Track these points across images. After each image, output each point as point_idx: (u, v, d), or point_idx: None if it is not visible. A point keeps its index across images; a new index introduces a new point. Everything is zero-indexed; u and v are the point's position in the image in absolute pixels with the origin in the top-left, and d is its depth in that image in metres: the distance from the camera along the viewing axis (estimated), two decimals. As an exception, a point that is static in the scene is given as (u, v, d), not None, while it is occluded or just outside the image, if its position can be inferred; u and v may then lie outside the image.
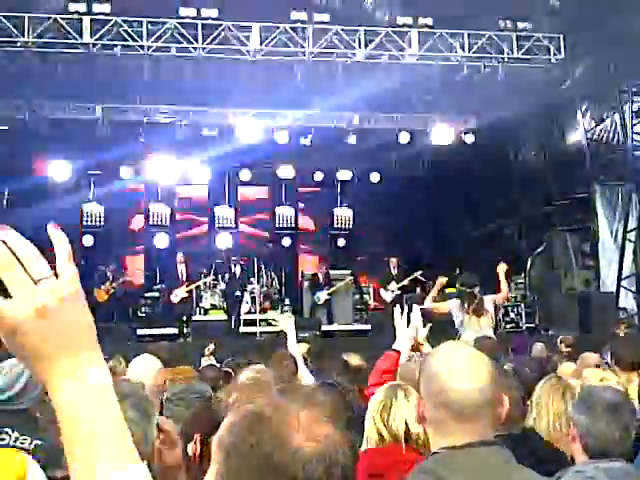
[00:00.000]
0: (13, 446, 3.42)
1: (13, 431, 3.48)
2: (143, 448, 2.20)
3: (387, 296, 18.08)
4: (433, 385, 2.34)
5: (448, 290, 15.88)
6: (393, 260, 18.45)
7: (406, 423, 3.58)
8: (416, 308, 6.29)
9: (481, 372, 2.31)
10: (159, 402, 4.26)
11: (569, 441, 3.46)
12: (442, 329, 9.85)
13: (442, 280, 11.77)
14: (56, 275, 1.25)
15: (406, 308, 5.95)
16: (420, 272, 18.12)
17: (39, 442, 3.43)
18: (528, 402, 4.23)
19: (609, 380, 4.79)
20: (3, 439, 3.44)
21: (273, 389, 2.80)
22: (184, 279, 17.22)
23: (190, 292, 17.10)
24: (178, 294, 17.00)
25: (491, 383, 2.31)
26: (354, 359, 6.76)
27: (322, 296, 18.58)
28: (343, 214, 23.03)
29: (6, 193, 20.08)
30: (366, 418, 3.69)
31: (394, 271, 18.33)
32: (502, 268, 11.25)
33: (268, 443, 1.40)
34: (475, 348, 7.14)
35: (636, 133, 16.69)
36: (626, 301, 16.57)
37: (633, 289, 16.56)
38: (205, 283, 17.98)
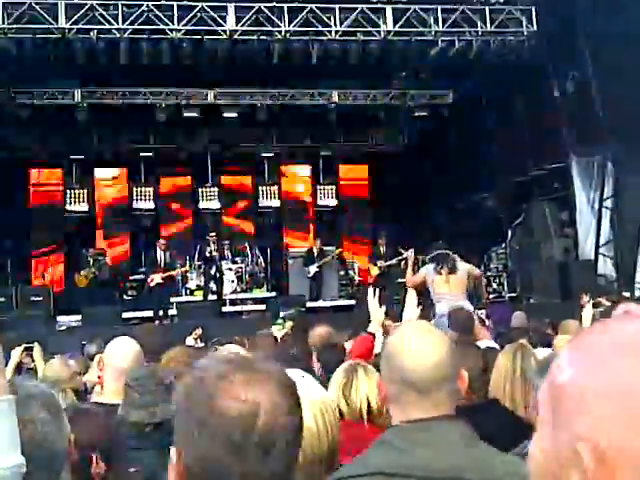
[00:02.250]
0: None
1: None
2: (61, 447, 2.23)
3: (374, 272, 18.29)
4: (391, 363, 2.40)
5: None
6: (380, 238, 18.65)
7: (368, 400, 3.64)
8: (411, 291, 6.29)
9: (436, 348, 2.37)
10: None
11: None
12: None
13: (410, 254, 11.92)
14: None
15: (375, 292, 5.89)
16: (410, 251, 18.25)
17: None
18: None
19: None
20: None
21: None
22: (162, 265, 17.22)
23: (166, 279, 17.11)
24: (155, 279, 17.02)
25: (447, 358, 2.37)
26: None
27: (312, 269, 18.74)
28: (327, 190, 23.16)
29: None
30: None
31: (382, 248, 18.52)
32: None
33: (199, 407, 1.49)
34: (451, 322, 7.29)
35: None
36: (604, 267, 16.78)
37: (611, 255, 16.78)
38: (182, 271, 18.04)
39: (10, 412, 1.75)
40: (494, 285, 18.01)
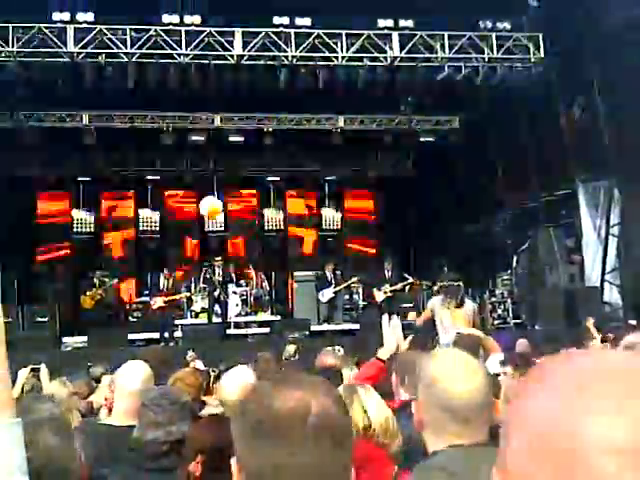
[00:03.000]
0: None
1: None
2: (73, 469, 2.26)
3: (379, 297, 18.22)
4: (433, 390, 2.40)
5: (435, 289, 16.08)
6: (386, 262, 18.60)
7: (368, 418, 3.66)
8: (396, 320, 6.24)
9: (477, 376, 2.41)
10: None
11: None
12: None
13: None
14: None
15: (390, 318, 5.86)
16: (412, 280, 18.23)
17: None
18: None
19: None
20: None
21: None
22: (165, 289, 17.27)
23: (167, 302, 17.13)
24: (157, 302, 17.05)
25: (486, 386, 2.41)
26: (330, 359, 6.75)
27: (327, 294, 18.69)
28: (331, 215, 23.18)
29: None
30: None
31: (387, 273, 18.47)
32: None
33: (254, 413, 1.54)
34: (454, 345, 7.26)
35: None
36: (610, 295, 16.73)
37: (617, 283, 16.72)
38: (184, 297, 18.03)
39: (18, 435, 1.75)
40: (499, 311, 17.93)
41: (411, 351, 5.78)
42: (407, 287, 18.34)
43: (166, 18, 15.75)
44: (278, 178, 22.57)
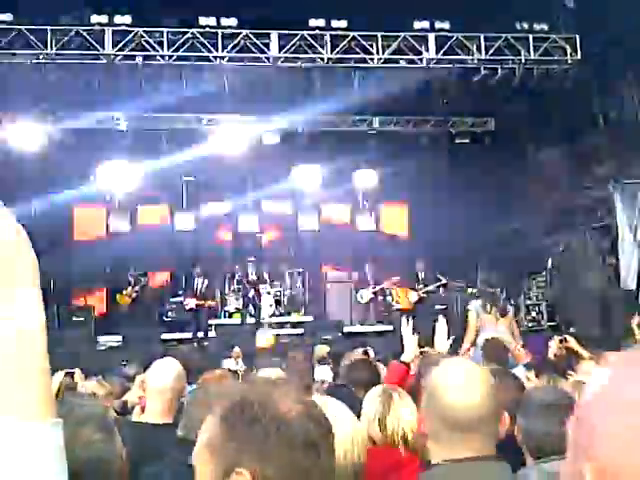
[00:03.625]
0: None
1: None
2: (116, 465, 2.29)
3: (413, 298, 18.22)
4: (433, 400, 2.41)
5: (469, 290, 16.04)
6: (419, 264, 18.56)
7: (400, 423, 3.66)
8: (442, 319, 6.27)
9: (478, 388, 2.38)
10: (180, 405, 4.29)
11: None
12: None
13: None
14: None
15: (408, 321, 5.87)
16: (445, 281, 18.20)
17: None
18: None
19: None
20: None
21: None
22: (198, 292, 17.45)
23: (199, 305, 17.29)
24: (190, 303, 17.26)
25: (487, 399, 2.37)
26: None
27: (365, 295, 18.74)
28: (366, 216, 23.11)
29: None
30: (362, 419, 3.70)
31: (421, 275, 18.46)
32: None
33: (261, 416, 1.54)
34: (482, 350, 7.26)
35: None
36: (646, 299, 16.56)
37: (653, 286, 16.55)
38: (214, 303, 18.14)
39: (60, 436, 1.78)
40: (533, 314, 17.84)
41: (434, 354, 5.80)
42: (441, 288, 18.31)
43: (202, 21, 15.88)
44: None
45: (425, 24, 16.38)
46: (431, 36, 16.42)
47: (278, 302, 18.76)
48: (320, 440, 1.55)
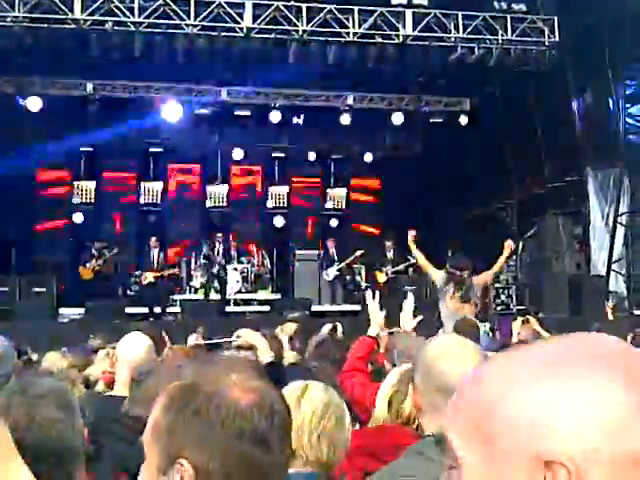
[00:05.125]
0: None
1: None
2: (76, 443, 2.22)
3: (381, 278, 18.10)
4: (431, 372, 2.45)
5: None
6: (388, 243, 18.41)
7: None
8: (410, 296, 6.25)
9: (475, 358, 2.42)
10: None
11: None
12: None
13: (411, 234, 11.33)
14: None
15: (374, 296, 5.89)
16: (414, 261, 18.02)
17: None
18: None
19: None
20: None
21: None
22: (155, 264, 17.19)
23: (156, 278, 17.03)
24: (148, 277, 17.00)
25: None
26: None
27: (331, 272, 18.61)
28: (336, 194, 22.94)
29: None
30: (377, 399, 3.70)
31: (389, 254, 18.32)
32: (509, 245, 11.04)
33: (206, 406, 1.43)
34: (455, 330, 7.17)
35: (628, 116, 16.75)
36: (616, 285, 16.61)
37: (623, 272, 16.59)
38: (170, 274, 17.84)
39: None
40: (502, 297, 17.79)
41: (407, 334, 5.77)
42: (409, 268, 18.16)
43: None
44: (283, 155, 22.31)
45: (403, 0, 16.11)
46: (408, 12, 16.16)
47: (245, 279, 18.55)
48: (271, 433, 1.44)
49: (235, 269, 18.45)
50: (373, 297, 5.82)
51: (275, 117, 19.00)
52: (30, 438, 2.07)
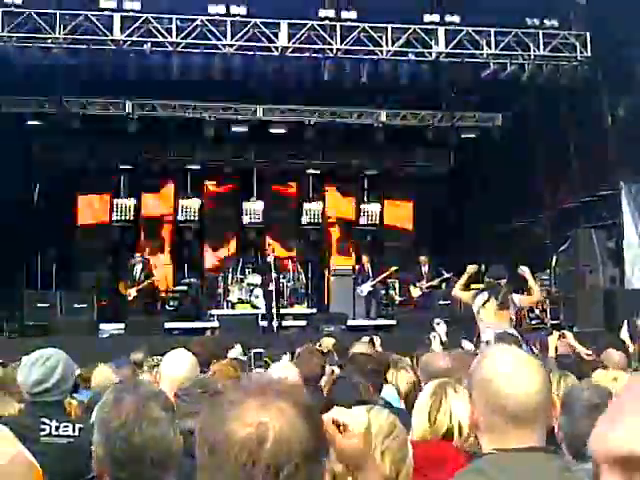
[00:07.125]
0: (55, 435, 3.60)
1: (51, 420, 3.67)
2: (174, 444, 2.31)
3: (415, 293, 18.17)
4: (488, 391, 2.33)
5: (474, 286, 15.91)
6: (423, 258, 18.45)
7: (458, 420, 3.60)
8: (441, 321, 6.22)
9: (535, 376, 2.33)
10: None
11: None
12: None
13: (471, 268, 11.46)
14: None
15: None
16: (451, 274, 18.05)
17: (82, 426, 3.63)
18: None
19: (620, 380, 4.66)
20: (44, 429, 3.62)
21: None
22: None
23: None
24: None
25: (544, 387, 2.33)
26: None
27: (365, 287, 18.71)
28: (369, 210, 23.04)
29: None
30: (414, 412, 3.73)
31: (424, 269, 18.37)
32: (524, 270, 11.17)
33: (208, 426, 1.53)
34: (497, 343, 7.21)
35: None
36: (651, 299, 16.49)
37: (658, 286, 16.49)
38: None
39: None
40: (536, 312, 17.76)
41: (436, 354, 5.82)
42: (444, 283, 18.23)
43: (212, 9, 15.77)
44: (318, 171, 22.51)
45: (435, 17, 16.27)
46: (441, 29, 16.32)
47: (281, 294, 18.67)
48: (264, 466, 1.46)
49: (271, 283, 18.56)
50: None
51: (309, 134, 19.18)
52: (139, 436, 2.22)
